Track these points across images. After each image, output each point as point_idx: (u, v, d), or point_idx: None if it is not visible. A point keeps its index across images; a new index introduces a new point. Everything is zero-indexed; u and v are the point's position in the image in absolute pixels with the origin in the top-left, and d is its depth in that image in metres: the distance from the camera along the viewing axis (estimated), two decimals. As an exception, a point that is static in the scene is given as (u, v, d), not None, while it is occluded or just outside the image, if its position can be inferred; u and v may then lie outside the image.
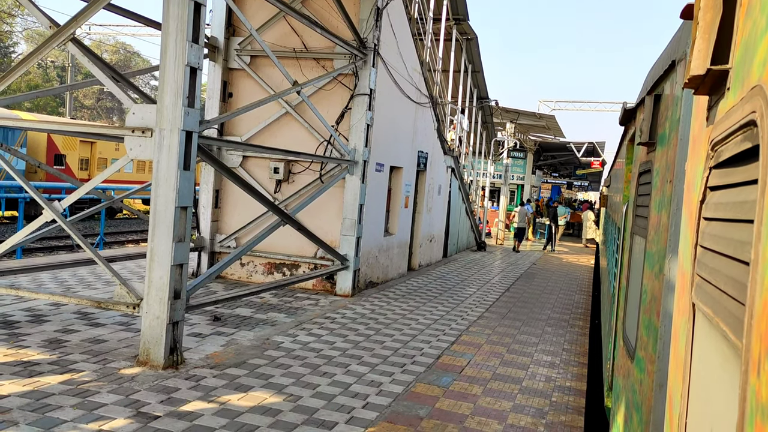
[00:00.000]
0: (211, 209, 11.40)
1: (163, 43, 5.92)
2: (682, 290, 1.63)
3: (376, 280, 12.23)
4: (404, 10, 12.39)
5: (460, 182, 19.09)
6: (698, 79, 1.24)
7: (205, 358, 6.56)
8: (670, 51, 2.82)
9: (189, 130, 6.03)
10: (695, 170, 1.56)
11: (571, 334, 9.55)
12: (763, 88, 0.83)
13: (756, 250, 0.78)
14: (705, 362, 1.19)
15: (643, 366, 2.74)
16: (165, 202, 5.99)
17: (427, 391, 6.28)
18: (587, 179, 46.99)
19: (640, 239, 3.30)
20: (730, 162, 1.12)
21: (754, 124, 0.89)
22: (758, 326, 0.74)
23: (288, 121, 11.20)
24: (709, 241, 1.23)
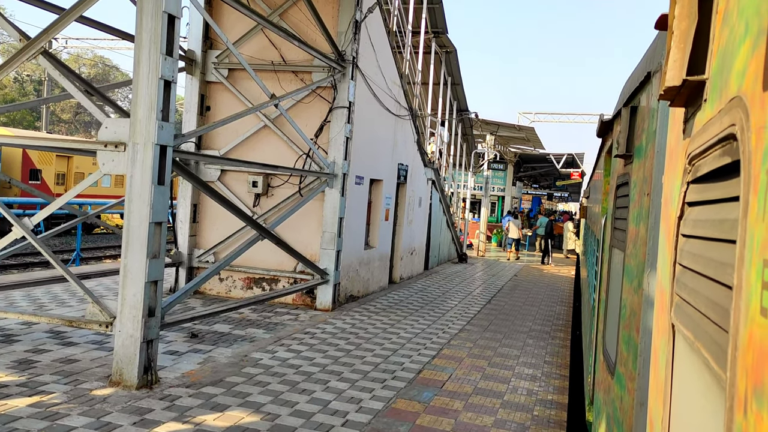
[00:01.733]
0: (189, 224, 11.24)
1: (136, 56, 5.82)
2: (661, 308, 1.57)
3: (357, 294, 12.13)
4: (383, 23, 12.39)
5: (440, 194, 19.09)
6: (674, 90, 1.19)
7: (180, 377, 6.40)
8: (646, 62, 2.80)
9: (163, 145, 5.92)
10: (672, 184, 1.51)
11: (553, 346, 9.51)
12: (742, 100, 0.77)
13: (739, 275, 0.72)
14: (686, 388, 1.13)
15: (623, 382, 2.69)
16: (139, 218, 5.86)
17: (408, 407, 6.19)
18: (567, 190, 47.34)
19: (619, 252, 3.26)
20: (708, 177, 1.07)
21: (733, 138, 0.84)
22: (743, 359, 0.67)
23: (266, 134, 11.10)
24: (687, 259, 1.17)
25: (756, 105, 0.70)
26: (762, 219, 0.63)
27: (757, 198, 0.66)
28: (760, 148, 0.66)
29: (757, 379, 0.62)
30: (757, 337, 0.62)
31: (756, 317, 0.63)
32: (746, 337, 0.66)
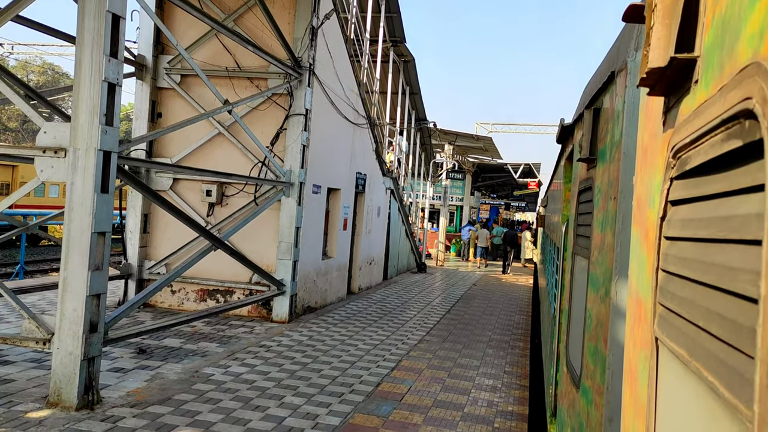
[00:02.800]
0: (139, 234, 10.82)
1: (77, 56, 5.51)
2: (638, 320, 1.43)
3: (315, 305, 11.87)
4: (340, 30, 12.24)
5: (399, 204, 18.98)
6: (656, 74, 1.05)
7: (125, 396, 6.06)
8: (609, 62, 2.70)
9: (107, 150, 5.61)
10: (649, 184, 1.37)
11: (512, 356, 9.44)
12: (761, 66, 0.62)
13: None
14: (680, 413, 0.98)
15: (590, 397, 2.56)
16: (80, 228, 5.53)
17: (366, 422, 5.98)
18: (524, 200, 47.90)
19: (583, 260, 3.15)
20: (701, 170, 0.93)
21: (746, 116, 0.69)
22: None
23: (221, 142, 10.80)
24: (675, 264, 1.03)
25: (788, 67, 0.55)
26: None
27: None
28: (800, 118, 0.51)
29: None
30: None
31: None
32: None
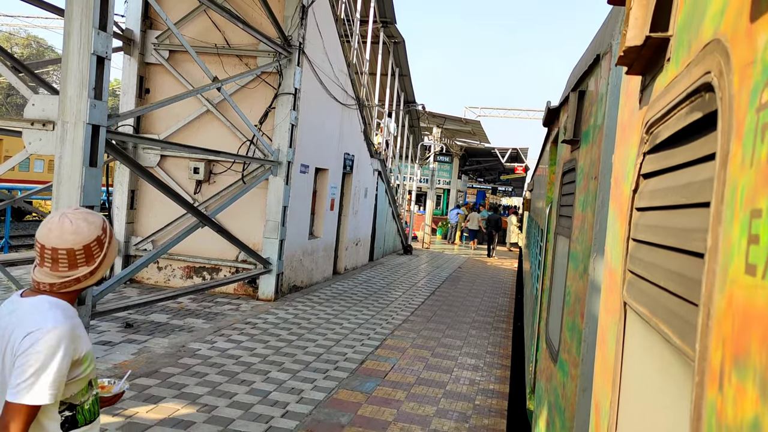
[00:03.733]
0: (126, 210, 10.80)
1: (66, 29, 5.48)
2: (610, 289, 1.52)
3: (301, 284, 11.95)
4: (331, 9, 12.18)
5: (386, 185, 19.04)
6: (634, 52, 1.12)
7: (112, 368, 6.11)
8: (595, 45, 2.77)
9: (96, 124, 5.61)
10: (626, 160, 1.45)
11: (495, 337, 9.59)
12: (721, 42, 0.69)
13: (714, 236, 0.64)
14: (639, 368, 1.06)
15: (566, 369, 2.66)
16: (68, 202, 5.54)
17: (350, 398, 6.09)
18: (511, 185, 48.14)
19: (564, 239, 3.24)
20: (669, 143, 1.00)
21: (705, 89, 0.76)
22: (719, 328, 0.59)
23: (209, 119, 10.77)
24: (643, 233, 1.11)
25: (740, 42, 0.62)
26: (749, 165, 0.55)
27: (741, 144, 0.58)
28: (746, 87, 0.58)
29: (738, 347, 0.54)
30: (739, 300, 0.54)
31: (739, 277, 0.55)
32: (723, 303, 0.59)
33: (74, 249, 1.94)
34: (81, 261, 1.96)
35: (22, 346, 1.84)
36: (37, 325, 1.86)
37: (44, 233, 1.94)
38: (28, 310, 1.93)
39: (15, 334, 1.89)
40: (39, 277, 1.97)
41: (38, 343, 1.84)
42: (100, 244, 2.00)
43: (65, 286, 1.96)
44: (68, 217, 1.96)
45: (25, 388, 1.81)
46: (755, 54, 0.56)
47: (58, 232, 1.94)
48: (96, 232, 1.99)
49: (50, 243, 1.93)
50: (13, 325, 1.92)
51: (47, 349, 1.84)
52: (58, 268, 1.95)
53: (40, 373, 1.83)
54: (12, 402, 1.81)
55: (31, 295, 1.98)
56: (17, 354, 1.85)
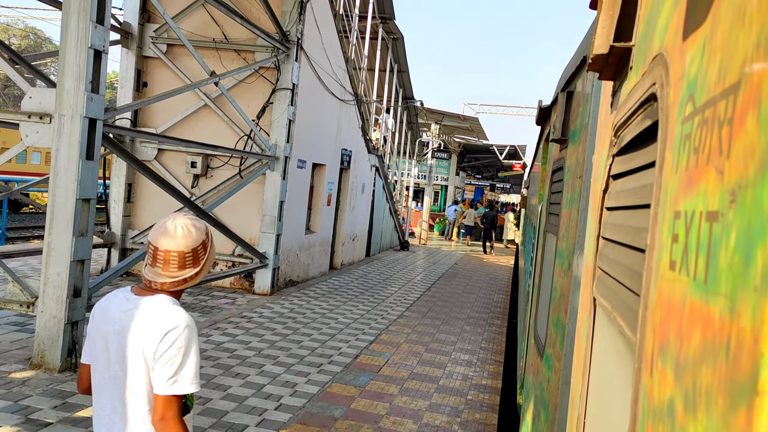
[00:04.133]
0: (123, 203, 10.85)
1: (63, 22, 5.52)
2: (585, 285, 1.58)
3: (297, 279, 12.01)
4: (329, 5, 12.22)
5: (384, 181, 19.09)
6: (602, 59, 1.18)
7: (107, 360, 6.17)
8: (583, 47, 2.82)
9: (93, 117, 5.66)
10: (599, 161, 1.51)
11: (489, 333, 9.67)
12: (663, 56, 0.75)
13: (652, 234, 0.69)
14: (603, 360, 1.12)
15: (551, 363, 2.72)
16: (65, 194, 5.59)
17: (343, 392, 6.16)
18: (509, 182, 48.20)
19: (552, 236, 3.30)
20: (631, 146, 1.05)
21: (654, 99, 0.82)
22: (652, 318, 0.65)
23: (207, 114, 10.81)
24: (609, 231, 1.17)
25: (676, 58, 0.68)
26: (675, 171, 0.60)
27: (671, 152, 0.63)
28: (677, 100, 0.64)
29: (663, 336, 0.59)
30: (665, 293, 0.60)
31: (665, 273, 0.61)
32: (655, 295, 0.64)
33: (184, 252, 2.12)
34: (189, 263, 2.14)
35: (163, 345, 2.03)
36: (173, 324, 2.05)
37: (158, 236, 2.12)
38: (153, 309, 2.10)
39: (147, 331, 2.05)
40: (151, 276, 2.14)
41: (178, 339, 2.04)
42: (204, 248, 2.19)
43: (174, 285, 2.14)
44: (180, 223, 2.14)
45: (176, 380, 2.03)
46: (684, 69, 0.62)
47: (171, 236, 2.11)
48: (202, 237, 2.17)
49: (163, 246, 2.11)
50: (137, 322, 2.08)
51: (187, 344, 2.06)
52: (169, 268, 2.12)
53: (184, 366, 2.04)
54: (166, 395, 2.03)
55: (144, 293, 2.15)
56: (160, 352, 2.03)
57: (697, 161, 0.53)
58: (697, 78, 0.56)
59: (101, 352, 2.14)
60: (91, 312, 2.23)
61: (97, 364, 2.16)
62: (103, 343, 2.13)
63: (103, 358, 2.13)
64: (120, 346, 2.09)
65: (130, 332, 2.08)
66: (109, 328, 2.13)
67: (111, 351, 2.11)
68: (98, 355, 2.15)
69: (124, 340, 2.08)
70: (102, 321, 2.16)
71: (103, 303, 2.21)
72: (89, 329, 2.22)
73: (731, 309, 0.41)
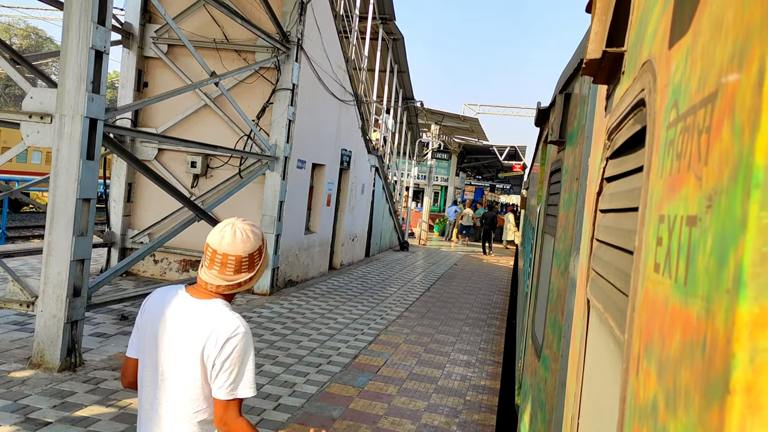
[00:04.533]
0: (123, 203, 10.86)
1: (65, 23, 5.54)
2: (580, 287, 1.59)
3: (296, 279, 12.03)
4: (330, 5, 12.24)
5: (384, 182, 19.11)
6: (595, 64, 1.19)
7: (107, 360, 6.19)
8: (580, 50, 2.83)
9: (93, 118, 5.67)
10: (594, 163, 1.52)
11: (488, 334, 9.68)
12: (652, 63, 0.76)
13: (639, 237, 0.71)
14: (595, 361, 1.14)
15: (548, 364, 2.74)
16: (65, 194, 5.60)
17: (342, 392, 6.18)
18: (509, 182, 48.21)
19: (550, 238, 3.32)
20: (623, 149, 1.07)
21: (643, 104, 0.83)
22: (639, 319, 0.67)
23: (207, 114, 10.82)
24: (602, 233, 1.18)
25: (662, 65, 0.69)
26: (660, 176, 0.62)
27: (657, 157, 0.65)
28: (663, 106, 0.66)
29: (648, 336, 0.61)
30: (649, 294, 0.62)
31: (651, 274, 0.62)
32: (642, 297, 0.66)
33: (241, 256, 2.15)
34: (245, 267, 2.17)
35: (224, 352, 2.08)
36: (233, 330, 2.10)
37: (217, 240, 2.15)
38: (211, 314, 2.13)
39: (207, 336, 2.09)
40: (207, 278, 2.17)
41: (239, 346, 2.09)
42: (260, 254, 2.22)
43: (229, 289, 2.17)
44: (239, 228, 2.16)
45: (236, 386, 2.09)
46: (670, 76, 0.63)
47: (231, 240, 2.14)
48: (258, 243, 2.20)
49: (222, 249, 2.14)
50: (196, 325, 2.11)
51: (246, 350, 2.11)
52: (225, 272, 2.15)
53: (243, 372, 2.10)
54: (227, 399, 2.08)
55: (199, 295, 2.18)
56: (221, 359, 2.07)
57: (679, 167, 0.55)
58: (681, 85, 0.58)
59: (150, 349, 2.16)
60: (142, 305, 2.26)
61: (146, 359, 2.18)
62: (153, 340, 2.16)
63: (152, 355, 2.16)
64: (174, 346, 2.12)
65: (188, 336, 2.11)
66: (161, 325, 2.15)
67: (162, 349, 2.14)
68: (147, 352, 2.17)
69: (181, 342, 2.11)
70: (154, 317, 2.18)
71: (156, 298, 2.23)
72: (138, 323, 2.24)
73: (707, 310, 0.43)
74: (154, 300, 2.24)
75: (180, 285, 2.25)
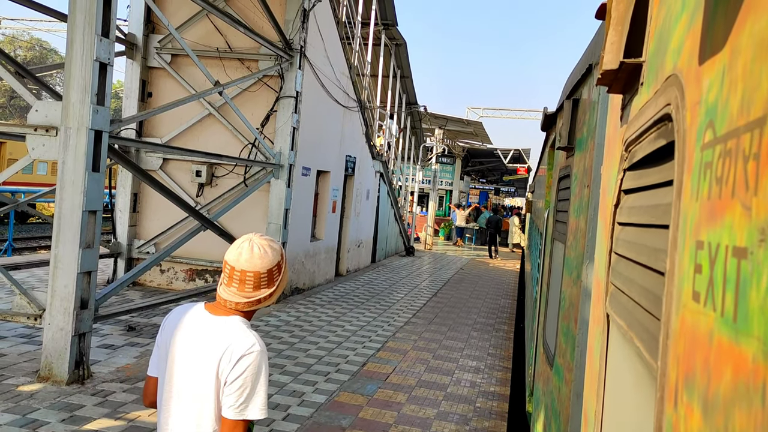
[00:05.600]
0: (128, 213, 10.87)
1: (69, 36, 5.54)
2: (598, 299, 1.56)
3: (303, 287, 12.00)
4: (332, 12, 12.24)
5: (388, 187, 19.08)
6: (611, 74, 1.17)
7: (115, 372, 6.17)
8: (588, 55, 2.81)
9: (98, 130, 5.67)
10: (610, 173, 1.49)
11: (497, 339, 9.63)
12: (678, 77, 0.74)
13: (672, 259, 0.68)
14: (619, 380, 1.11)
15: (561, 373, 2.70)
16: (71, 206, 5.60)
17: (351, 400, 6.14)
18: (514, 185, 48.14)
19: (560, 245, 3.28)
20: (644, 162, 1.04)
21: (668, 119, 0.80)
22: (675, 347, 0.64)
23: (211, 123, 10.83)
24: (623, 247, 1.15)
25: (691, 81, 0.67)
26: (696, 199, 0.59)
27: (690, 177, 0.62)
28: (694, 125, 0.63)
29: (687, 368, 0.58)
30: (688, 324, 0.59)
31: (688, 302, 0.59)
32: (678, 324, 0.63)
33: (260, 272, 2.11)
34: (264, 283, 2.13)
35: (237, 369, 2.03)
36: (248, 348, 2.05)
37: (235, 256, 2.11)
38: (228, 331, 2.09)
39: (222, 354, 2.05)
40: (226, 295, 2.13)
41: (252, 365, 2.04)
42: (279, 269, 2.18)
43: (248, 306, 2.14)
44: (256, 244, 2.13)
45: (246, 406, 2.03)
46: (701, 94, 0.61)
47: (248, 256, 2.10)
48: (277, 258, 2.16)
49: (240, 266, 2.10)
50: (213, 343, 2.08)
51: (258, 370, 2.05)
52: (245, 288, 2.11)
53: (255, 392, 2.05)
54: (236, 419, 2.03)
55: (218, 312, 2.15)
56: (233, 376, 2.03)
57: (720, 192, 0.52)
58: (717, 105, 0.55)
59: (169, 367, 2.14)
60: (162, 323, 2.23)
61: (164, 378, 2.16)
62: (171, 358, 2.13)
63: (171, 373, 2.13)
64: (192, 364, 2.09)
65: (204, 352, 2.08)
66: (179, 343, 2.13)
67: (180, 368, 2.11)
68: (167, 370, 2.15)
69: (198, 359, 2.08)
70: (173, 335, 2.15)
71: (175, 316, 2.21)
72: (159, 341, 2.22)
73: (765, 353, 0.40)
74: (173, 318, 2.22)
75: (199, 302, 2.22)
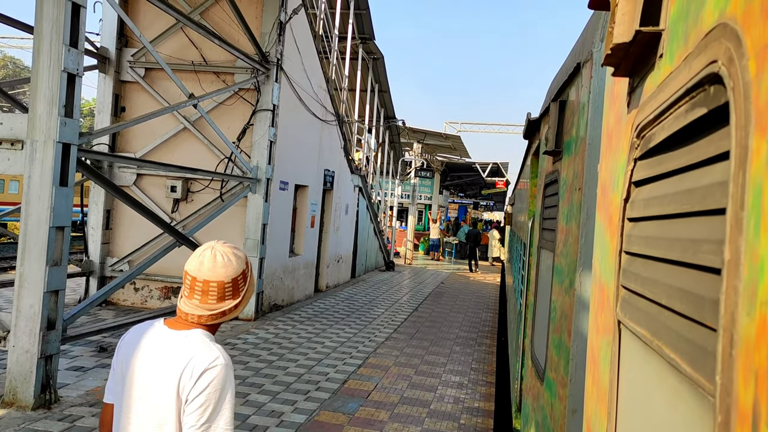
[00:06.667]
0: (101, 230, 10.57)
1: (35, 46, 5.34)
2: (600, 306, 1.42)
3: (281, 303, 11.76)
4: (309, 26, 12.14)
5: (368, 201, 18.94)
6: (621, 51, 1.04)
7: (84, 395, 5.90)
8: (575, 55, 2.71)
9: (66, 143, 5.45)
10: (613, 168, 1.36)
11: (479, 353, 9.48)
12: (728, 26, 0.60)
13: (734, 247, 0.54)
14: (641, 396, 0.97)
15: (554, 389, 2.56)
16: (37, 222, 5.36)
17: (332, 419, 5.93)
18: (492, 199, 48.27)
19: (548, 253, 3.16)
20: (664, 146, 0.91)
21: (710, 81, 0.67)
22: (748, 359, 0.50)
23: (186, 137, 10.61)
24: (638, 245, 1.01)
25: (754, 22, 0.53)
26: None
27: (766, 137, 0.49)
28: (766, 72, 0.49)
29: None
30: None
31: None
32: (753, 329, 0.49)
33: (224, 282, 1.96)
34: (228, 294, 1.98)
35: (198, 386, 1.86)
36: (211, 362, 1.89)
37: (196, 266, 1.96)
38: (188, 346, 1.93)
39: (182, 370, 1.88)
40: (187, 309, 1.97)
41: (215, 381, 1.87)
42: (244, 278, 2.03)
43: (212, 319, 1.98)
44: (219, 251, 1.98)
45: (209, 426, 1.85)
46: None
47: (211, 264, 1.95)
48: (242, 266, 2.01)
49: (202, 275, 1.95)
50: (171, 359, 1.91)
51: (223, 385, 1.89)
52: (208, 300, 1.96)
53: (219, 410, 1.87)
54: None
55: (178, 327, 1.98)
56: (195, 393, 1.86)
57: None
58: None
59: (127, 390, 1.95)
60: (119, 343, 2.05)
61: (121, 403, 1.97)
62: (129, 381, 1.95)
63: (128, 396, 1.95)
64: (151, 385, 1.91)
65: (164, 370, 1.90)
66: (138, 364, 1.95)
67: (138, 389, 1.93)
68: (123, 394, 1.96)
69: (157, 379, 1.90)
70: (130, 356, 1.97)
71: (132, 336, 2.03)
72: (114, 363, 2.04)
73: None
74: (129, 337, 2.04)
75: (158, 319, 2.05)
